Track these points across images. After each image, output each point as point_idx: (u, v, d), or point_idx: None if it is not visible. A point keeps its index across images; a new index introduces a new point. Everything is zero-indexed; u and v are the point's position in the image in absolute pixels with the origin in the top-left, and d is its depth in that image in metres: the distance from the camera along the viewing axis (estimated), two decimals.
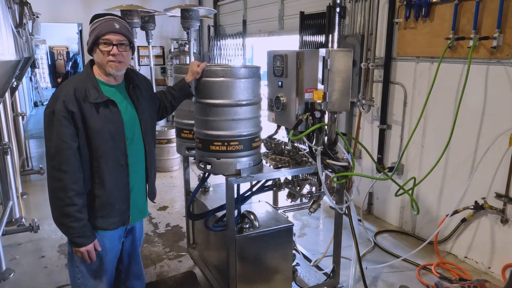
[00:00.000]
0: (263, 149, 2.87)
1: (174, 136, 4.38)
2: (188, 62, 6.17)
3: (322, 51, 2.65)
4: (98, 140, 1.96)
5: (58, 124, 1.87)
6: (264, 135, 2.87)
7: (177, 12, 5.95)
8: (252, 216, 2.74)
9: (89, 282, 2.13)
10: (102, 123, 1.95)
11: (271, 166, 2.83)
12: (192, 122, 2.69)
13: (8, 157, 4.12)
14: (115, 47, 1.96)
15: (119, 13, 5.71)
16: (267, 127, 3.07)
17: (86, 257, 2.03)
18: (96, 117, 1.94)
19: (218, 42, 8.05)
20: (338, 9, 4.78)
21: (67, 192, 1.89)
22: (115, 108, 2.00)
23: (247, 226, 2.73)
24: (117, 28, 1.97)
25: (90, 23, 2.03)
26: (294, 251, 3.02)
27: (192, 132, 2.78)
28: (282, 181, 3.12)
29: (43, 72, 16.80)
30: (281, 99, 2.89)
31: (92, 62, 2.07)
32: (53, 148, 1.89)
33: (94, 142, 1.96)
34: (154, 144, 2.31)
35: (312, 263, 3.27)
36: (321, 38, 4.98)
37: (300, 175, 3.04)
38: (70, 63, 17.22)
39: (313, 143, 2.83)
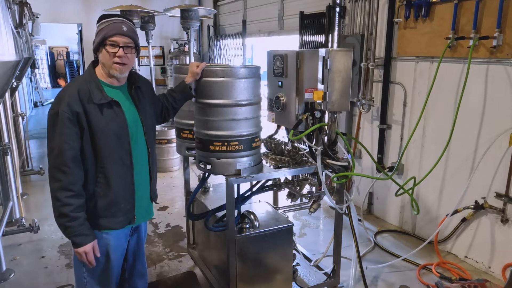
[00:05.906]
0: (263, 149, 2.87)
1: (174, 136, 4.37)
2: (188, 62, 6.17)
3: (322, 51, 2.65)
4: (103, 140, 1.98)
5: (62, 126, 1.89)
6: (264, 135, 2.87)
7: (177, 12, 5.96)
8: (252, 216, 2.74)
9: (95, 281, 2.13)
10: (106, 123, 1.97)
11: (271, 166, 2.83)
12: (192, 122, 2.69)
13: (8, 157, 4.12)
14: (121, 49, 1.98)
15: (119, 13, 5.71)
16: (267, 127, 3.06)
17: (84, 259, 2.00)
18: (100, 117, 1.96)
19: (218, 42, 8.05)
20: (338, 9, 4.78)
21: (64, 192, 1.91)
22: (118, 108, 2.02)
23: (247, 226, 2.73)
24: (124, 30, 1.99)
25: (97, 22, 2.04)
26: (294, 251, 3.02)
27: (192, 132, 2.78)
28: (282, 181, 3.12)
29: (43, 72, 16.83)
30: (281, 99, 2.89)
31: (94, 64, 2.08)
32: (55, 150, 1.90)
33: (99, 142, 1.97)
34: (155, 145, 2.33)
35: (312, 263, 3.27)
36: (321, 38, 4.98)
37: (300, 175, 3.04)
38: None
39: (313, 143, 2.83)
